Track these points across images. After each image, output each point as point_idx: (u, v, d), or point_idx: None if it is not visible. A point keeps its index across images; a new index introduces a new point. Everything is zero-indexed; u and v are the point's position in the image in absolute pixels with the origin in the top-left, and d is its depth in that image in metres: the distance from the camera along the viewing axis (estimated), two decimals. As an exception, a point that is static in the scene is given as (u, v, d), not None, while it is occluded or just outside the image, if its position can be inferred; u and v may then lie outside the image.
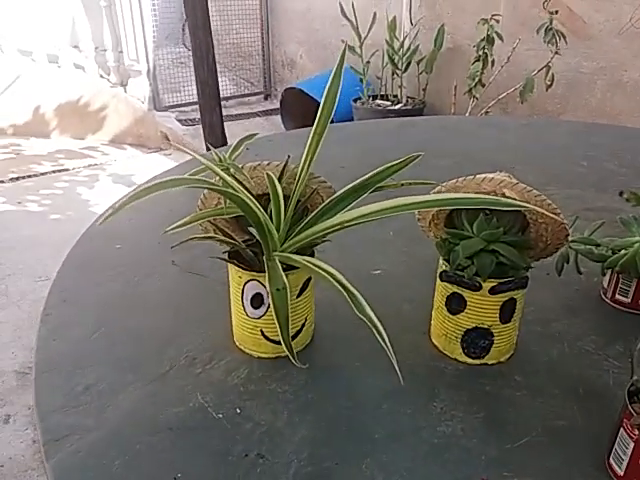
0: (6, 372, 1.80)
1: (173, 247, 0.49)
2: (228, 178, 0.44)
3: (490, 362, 0.60)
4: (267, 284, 0.46)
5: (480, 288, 0.56)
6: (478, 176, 0.56)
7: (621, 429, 0.45)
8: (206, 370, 0.57)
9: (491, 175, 0.56)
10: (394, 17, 3.45)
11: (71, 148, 3.90)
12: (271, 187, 0.50)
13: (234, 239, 0.53)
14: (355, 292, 0.44)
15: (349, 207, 0.52)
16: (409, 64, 3.50)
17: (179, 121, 4.10)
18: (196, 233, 0.56)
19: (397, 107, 3.52)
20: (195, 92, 4.23)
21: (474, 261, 0.55)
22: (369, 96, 3.62)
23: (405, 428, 0.51)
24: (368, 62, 3.55)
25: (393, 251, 0.84)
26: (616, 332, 0.66)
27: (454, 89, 3.28)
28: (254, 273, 0.54)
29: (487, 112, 3.22)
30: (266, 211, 0.53)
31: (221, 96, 4.35)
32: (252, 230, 0.53)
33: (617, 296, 0.70)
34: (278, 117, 3.98)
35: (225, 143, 2.67)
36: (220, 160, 0.50)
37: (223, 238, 0.53)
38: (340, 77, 0.52)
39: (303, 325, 0.59)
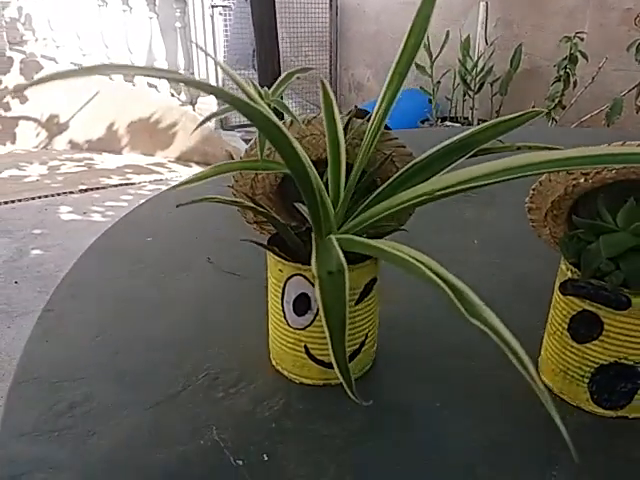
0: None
1: (178, 206, 0.35)
2: (271, 113, 0.29)
3: (631, 416, 0.41)
4: (314, 267, 0.30)
5: (628, 305, 0.38)
6: (629, 143, 0.39)
7: None
8: (229, 395, 0.42)
9: (646, 143, 0.39)
10: (468, 36, 3.29)
11: (139, 163, 3.96)
12: (331, 139, 0.36)
13: (271, 214, 0.38)
14: (462, 286, 0.28)
15: (439, 175, 0.36)
16: (482, 85, 3.32)
17: (244, 140, 4.09)
18: (240, 217, 0.42)
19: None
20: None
21: (621, 265, 0.38)
22: (438, 117, 3.46)
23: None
24: (439, 82, 3.39)
25: (479, 262, 0.67)
26: None
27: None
28: (300, 265, 0.39)
29: (569, 135, 2.97)
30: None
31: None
32: (300, 207, 0.39)
33: None
34: (343, 138, 3.89)
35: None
36: (261, 96, 0.36)
37: (249, 204, 0.38)
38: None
39: (362, 344, 0.43)
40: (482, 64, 3.32)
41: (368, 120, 0.41)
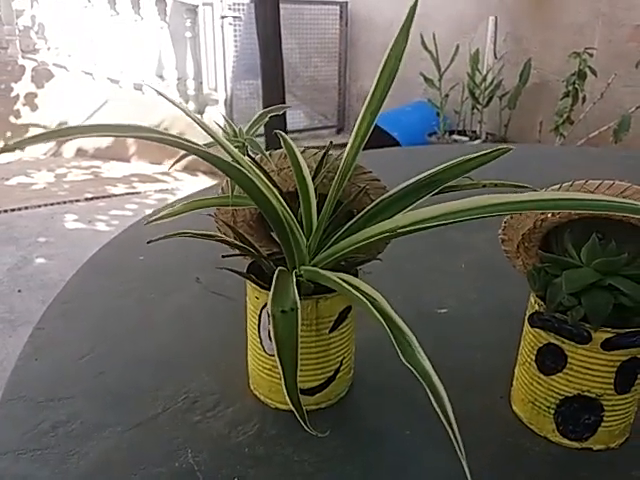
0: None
1: (149, 242, 0.37)
2: (235, 151, 0.31)
3: (595, 447, 0.42)
4: (269, 305, 0.32)
5: (589, 340, 0.39)
6: (590, 182, 0.41)
7: None
8: (206, 419, 0.44)
9: (609, 181, 0.41)
10: (477, 50, 3.31)
11: (146, 172, 4.00)
12: (299, 180, 0.37)
13: (248, 244, 0.40)
14: (404, 328, 0.30)
15: (406, 211, 0.38)
16: (491, 99, 3.33)
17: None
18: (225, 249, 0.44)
19: (475, 143, 3.34)
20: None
21: (582, 300, 0.39)
22: (446, 131, 3.47)
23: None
24: (447, 95, 3.41)
25: (464, 287, 0.68)
26: None
27: (539, 125, 3.07)
28: (275, 294, 0.41)
29: (575, 151, 2.97)
30: (296, 215, 0.40)
31: (294, 128, 4.36)
32: (274, 236, 0.40)
33: None
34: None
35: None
36: (235, 134, 0.38)
37: (221, 237, 0.40)
38: (407, 35, 0.39)
39: (337, 371, 0.45)
40: (491, 78, 3.33)
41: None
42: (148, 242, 0.36)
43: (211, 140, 0.34)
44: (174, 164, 0.42)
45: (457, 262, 0.74)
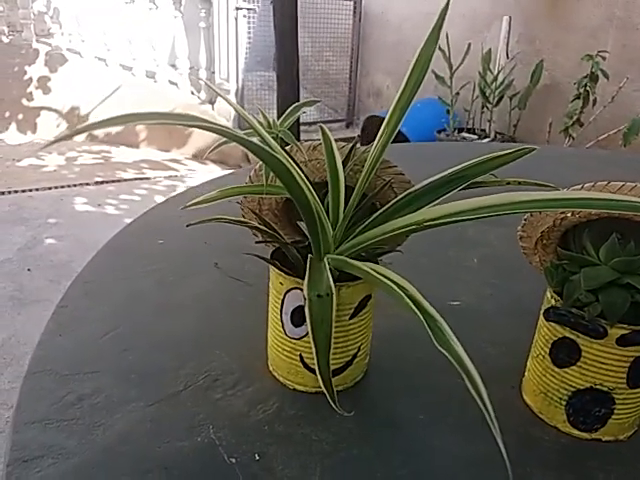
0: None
1: (188, 225, 0.38)
2: (272, 142, 0.32)
3: (605, 438, 0.44)
4: (305, 289, 0.33)
5: (604, 335, 0.40)
6: (613, 183, 0.41)
7: None
8: (227, 397, 0.45)
9: (631, 184, 0.41)
10: (489, 49, 3.30)
11: (156, 159, 4.01)
12: (331, 170, 0.38)
13: (274, 231, 0.41)
14: (435, 314, 0.31)
15: (431, 205, 0.39)
16: (501, 98, 3.33)
17: (260, 141, 4.12)
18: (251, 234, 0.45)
19: (484, 142, 3.34)
20: (279, 115, 4.31)
21: (599, 297, 0.40)
22: (455, 128, 3.47)
23: (482, 519, 0.36)
24: (457, 94, 3.41)
25: (477, 281, 0.69)
26: None
27: (549, 126, 3.06)
28: (299, 280, 0.42)
29: (584, 154, 2.96)
30: (322, 204, 0.41)
31: (304, 121, 4.37)
32: (302, 225, 0.41)
33: None
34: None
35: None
36: (269, 125, 0.39)
37: (253, 223, 0.41)
38: (438, 36, 0.40)
39: (355, 356, 0.46)
40: (502, 78, 3.33)
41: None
42: (187, 225, 0.37)
43: (249, 130, 0.35)
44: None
45: (471, 257, 0.75)
